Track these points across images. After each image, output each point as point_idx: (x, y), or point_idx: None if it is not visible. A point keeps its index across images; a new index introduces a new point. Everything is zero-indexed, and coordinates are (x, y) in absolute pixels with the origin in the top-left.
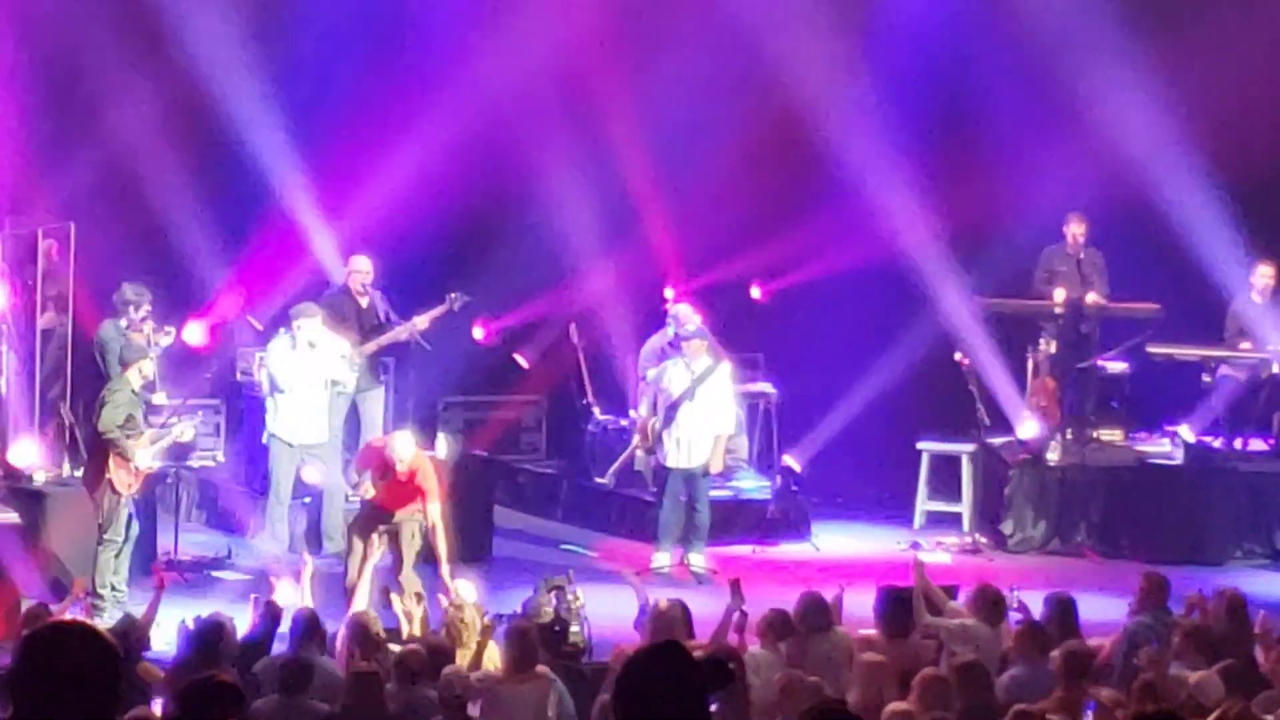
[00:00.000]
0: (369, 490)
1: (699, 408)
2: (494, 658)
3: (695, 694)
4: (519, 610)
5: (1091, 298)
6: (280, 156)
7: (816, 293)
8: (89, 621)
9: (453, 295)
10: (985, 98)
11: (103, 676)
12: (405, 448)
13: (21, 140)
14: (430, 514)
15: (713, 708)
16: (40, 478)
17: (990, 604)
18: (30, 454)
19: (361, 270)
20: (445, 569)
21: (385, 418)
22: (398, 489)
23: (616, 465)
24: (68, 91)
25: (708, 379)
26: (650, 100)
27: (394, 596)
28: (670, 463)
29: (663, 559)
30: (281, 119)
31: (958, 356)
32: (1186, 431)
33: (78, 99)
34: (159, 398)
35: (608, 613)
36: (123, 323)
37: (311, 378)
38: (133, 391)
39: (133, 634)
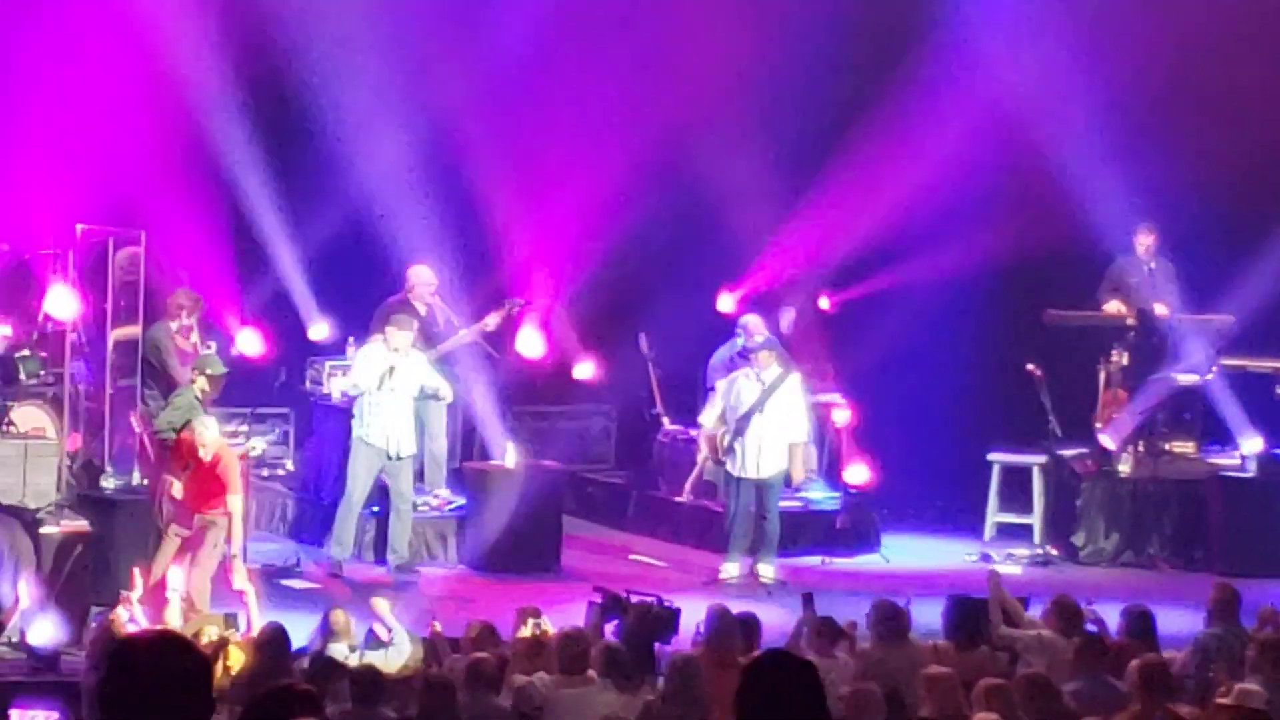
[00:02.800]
0: (177, 489)
1: (769, 418)
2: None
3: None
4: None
5: (1159, 308)
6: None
7: (887, 303)
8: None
9: (510, 301)
10: (1056, 103)
11: (194, 687)
12: (209, 431)
13: (93, 148)
14: (230, 504)
15: None
16: (110, 485)
17: (1067, 615)
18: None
19: (421, 281)
20: (238, 565)
21: (453, 427)
22: (202, 481)
23: (691, 481)
24: (150, 98)
25: (778, 389)
26: (716, 107)
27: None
28: (740, 473)
29: (732, 569)
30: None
31: (1029, 367)
32: (1252, 444)
33: (158, 105)
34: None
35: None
36: (173, 325)
37: (405, 385)
38: (195, 397)
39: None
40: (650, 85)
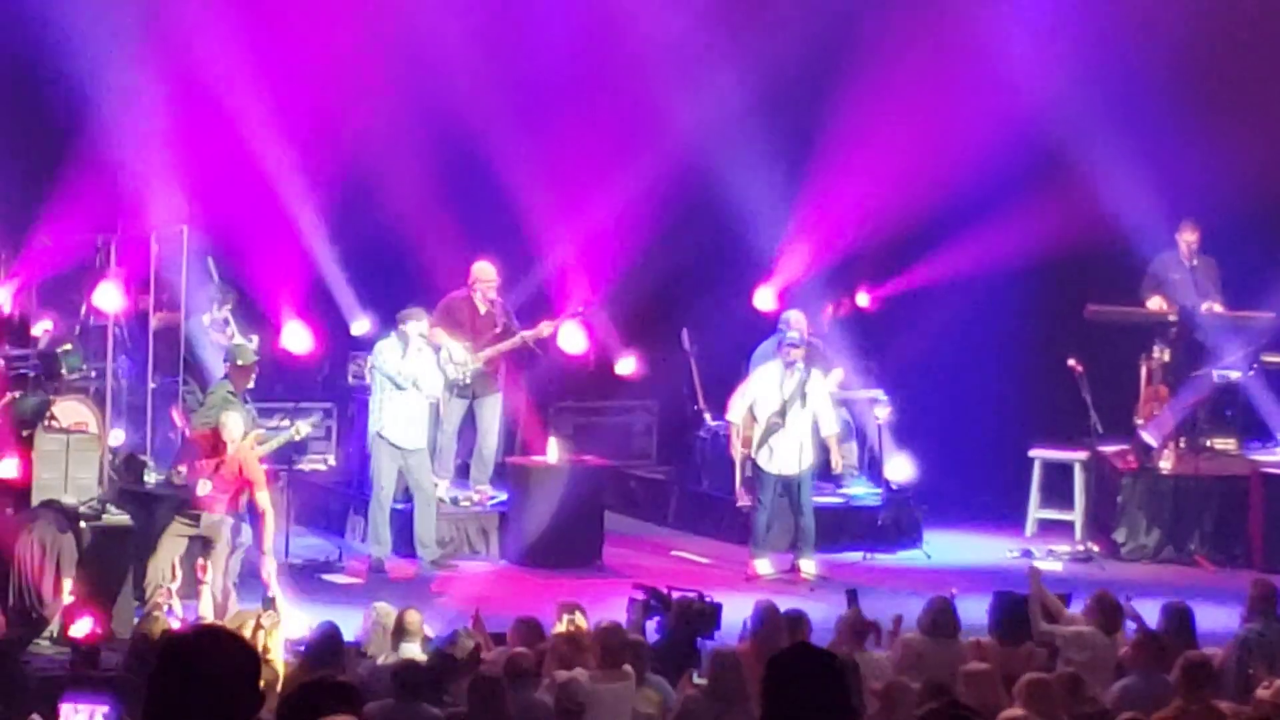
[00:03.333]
0: (205, 488)
1: (800, 414)
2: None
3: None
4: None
5: (1206, 306)
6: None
7: (928, 299)
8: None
9: (577, 306)
10: (1099, 97)
11: (243, 682)
12: (238, 426)
13: (136, 143)
14: (260, 501)
15: None
16: (152, 480)
17: (1107, 611)
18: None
19: (484, 278)
20: (269, 563)
21: (501, 423)
22: (223, 480)
23: (739, 481)
24: (187, 94)
25: (807, 385)
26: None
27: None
28: (770, 469)
29: (764, 566)
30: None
31: (1070, 363)
32: None
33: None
34: None
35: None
36: (205, 319)
37: (413, 381)
38: (230, 393)
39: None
40: (679, 85)
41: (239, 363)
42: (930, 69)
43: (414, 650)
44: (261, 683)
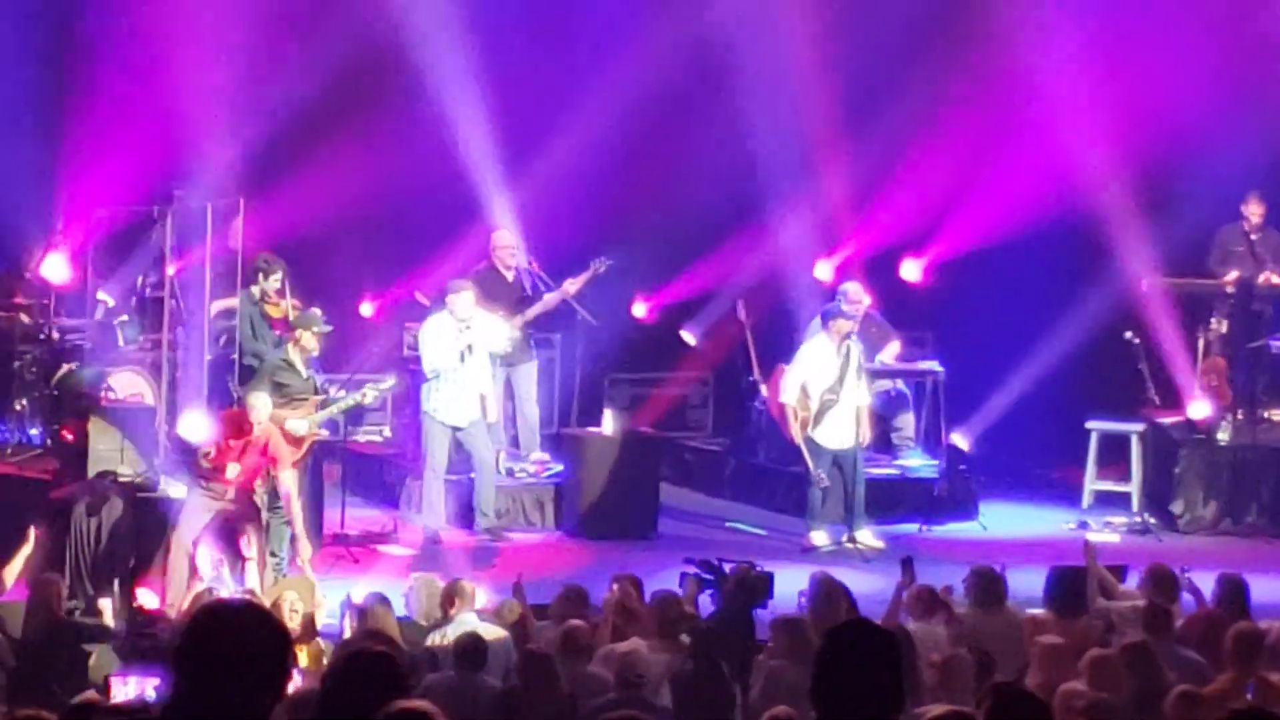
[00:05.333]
0: (233, 471)
1: (853, 388)
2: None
3: (892, 668)
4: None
5: (1264, 276)
6: (445, 129)
7: (984, 269)
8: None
9: (597, 261)
10: (1165, 69)
11: (271, 657)
12: (265, 406)
13: (193, 113)
14: (284, 481)
15: None
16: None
17: (1163, 583)
18: (199, 427)
19: (503, 245)
20: (302, 546)
21: (551, 393)
22: (248, 459)
23: (814, 465)
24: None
25: (851, 357)
26: (812, 70)
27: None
28: (825, 442)
29: (820, 537)
30: (451, 95)
31: (1127, 335)
32: None
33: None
34: None
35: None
36: (255, 292)
37: (463, 355)
38: (284, 360)
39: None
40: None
41: (313, 330)
42: (993, 40)
43: (469, 620)
44: (305, 658)
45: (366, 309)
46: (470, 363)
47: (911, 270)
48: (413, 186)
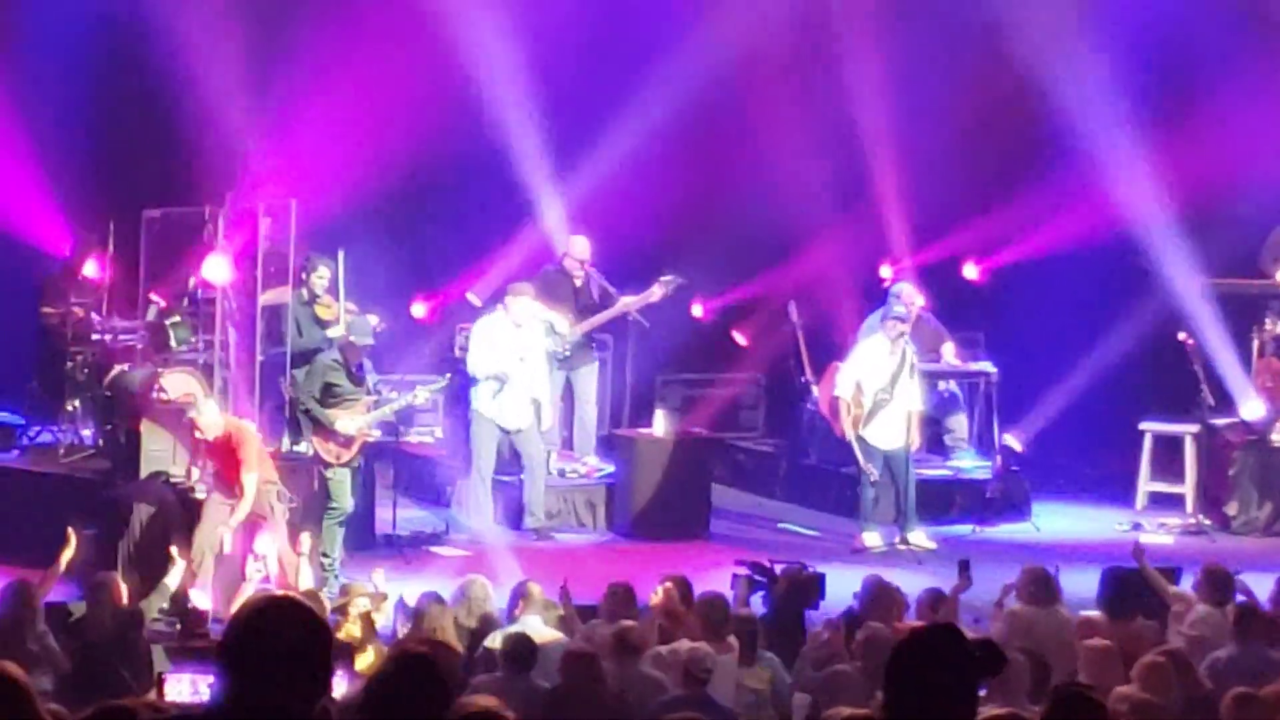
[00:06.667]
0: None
1: (906, 388)
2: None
3: (969, 678)
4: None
5: None
6: (505, 134)
7: (1037, 271)
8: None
9: (665, 278)
10: (1214, 69)
11: (315, 653)
12: (205, 413)
13: (244, 114)
14: (244, 481)
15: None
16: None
17: (1218, 584)
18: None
19: (578, 251)
20: (226, 538)
21: (603, 394)
22: (222, 459)
23: (864, 461)
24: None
25: (905, 359)
26: (869, 77)
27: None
28: (877, 443)
29: (872, 538)
30: (505, 96)
31: (1181, 336)
32: None
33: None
34: None
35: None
36: (304, 294)
37: (519, 358)
38: (335, 361)
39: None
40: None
41: (351, 338)
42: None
43: (533, 622)
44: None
45: (418, 310)
46: (525, 366)
47: (971, 271)
48: (466, 187)
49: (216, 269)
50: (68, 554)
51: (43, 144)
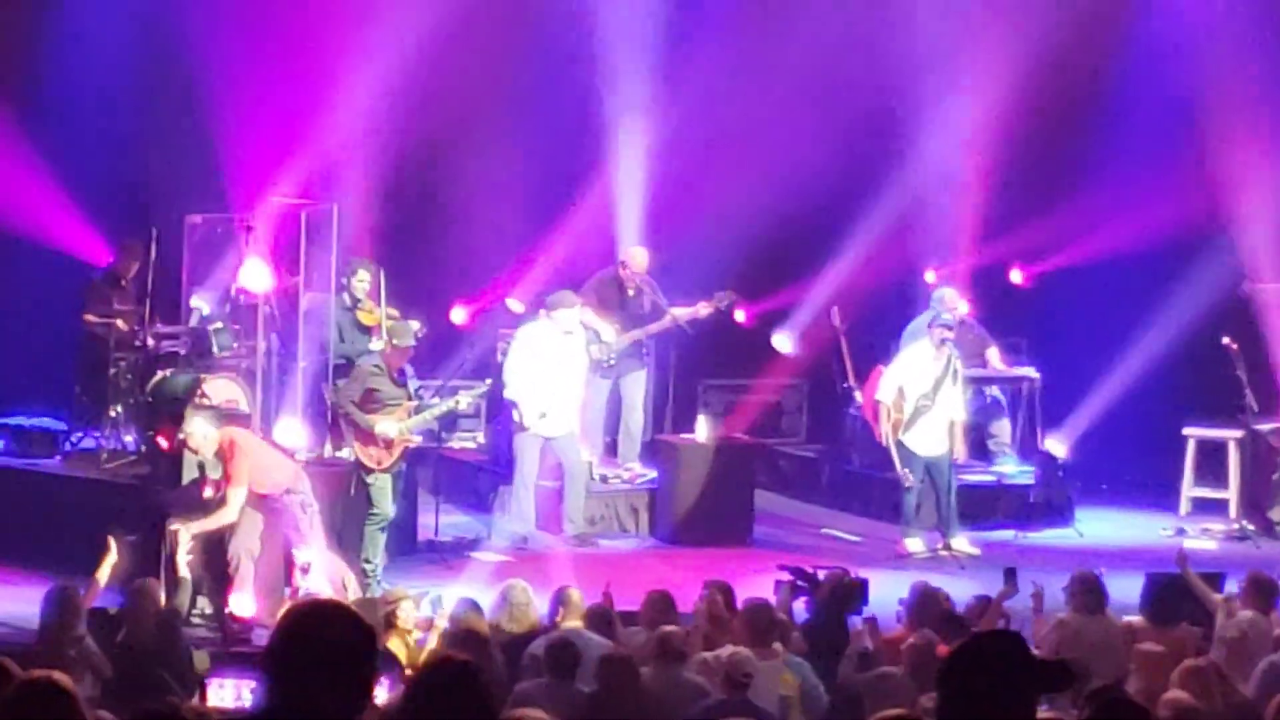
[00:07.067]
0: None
1: (948, 395)
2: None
3: (1029, 690)
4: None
5: None
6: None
7: (1080, 276)
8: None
9: (719, 295)
10: (1251, 74)
11: (359, 659)
12: (194, 429)
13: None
14: (228, 494)
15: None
16: (301, 458)
17: (1262, 591)
18: (293, 434)
19: (636, 263)
20: (183, 538)
21: (646, 400)
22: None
23: (900, 465)
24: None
25: (947, 364)
26: (916, 83)
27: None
28: (919, 449)
29: (915, 544)
30: (554, 108)
31: (1224, 340)
32: None
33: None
34: None
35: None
36: (346, 299)
37: (563, 365)
38: (377, 366)
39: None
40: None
41: (394, 342)
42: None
43: (575, 628)
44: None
45: (458, 315)
46: (568, 374)
47: (1016, 276)
48: (507, 192)
49: (255, 275)
50: (109, 562)
51: (83, 151)
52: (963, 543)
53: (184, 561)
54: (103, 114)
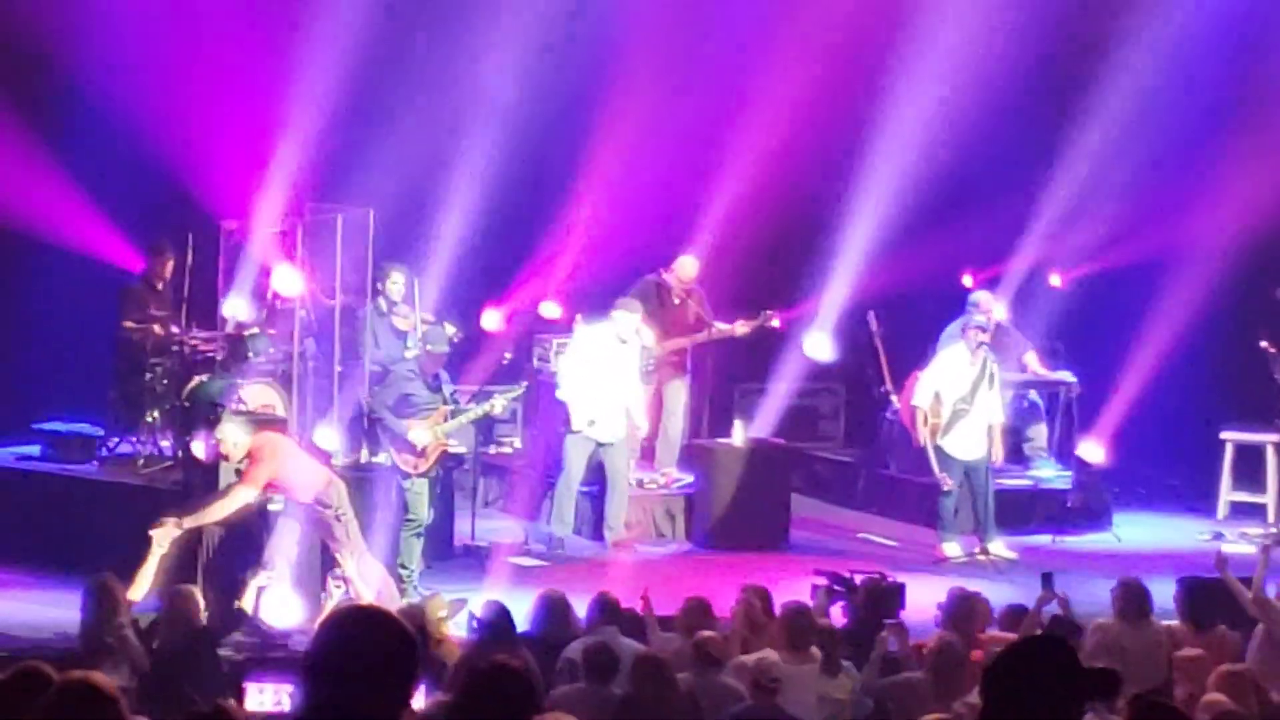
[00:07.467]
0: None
1: (985, 399)
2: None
3: (1074, 696)
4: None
5: None
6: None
7: (1119, 280)
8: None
9: (767, 313)
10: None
11: (400, 664)
12: (226, 432)
13: (326, 126)
14: (234, 493)
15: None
16: (338, 463)
17: None
18: (330, 439)
19: (685, 272)
20: (162, 533)
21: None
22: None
23: (938, 469)
24: (373, 79)
25: (986, 369)
26: (952, 86)
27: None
28: (956, 453)
29: (952, 548)
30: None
31: (1263, 344)
32: None
33: (382, 87)
34: None
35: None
36: (382, 303)
37: (614, 374)
38: (410, 371)
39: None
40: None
41: (429, 347)
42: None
43: (611, 632)
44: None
45: (489, 320)
46: (622, 380)
47: (1055, 280)
48: (535, 197)
49: (288, 280)
50: (155, 556)
51: (119, 157)
52: (1000, 547)
53: (155, 558)
54: (135, 120)
